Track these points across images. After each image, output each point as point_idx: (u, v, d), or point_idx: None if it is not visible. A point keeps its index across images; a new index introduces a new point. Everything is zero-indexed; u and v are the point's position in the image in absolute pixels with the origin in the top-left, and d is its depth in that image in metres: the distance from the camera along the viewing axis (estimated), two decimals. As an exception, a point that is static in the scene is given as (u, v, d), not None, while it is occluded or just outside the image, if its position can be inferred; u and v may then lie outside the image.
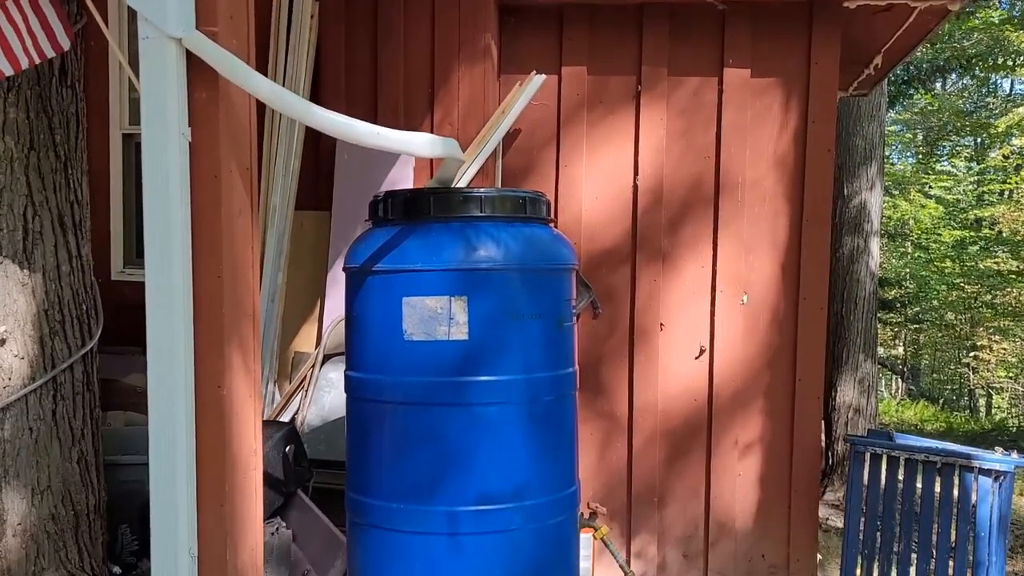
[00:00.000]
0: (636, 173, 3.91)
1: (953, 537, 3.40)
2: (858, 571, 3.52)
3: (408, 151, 2.25)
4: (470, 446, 2.24)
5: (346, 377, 2.48)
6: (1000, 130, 14.81)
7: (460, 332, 2.25)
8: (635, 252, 3.92)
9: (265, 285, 3.97)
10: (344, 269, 2.49)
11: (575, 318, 3.89)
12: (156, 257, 2.02)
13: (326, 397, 3.71)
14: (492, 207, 2.34)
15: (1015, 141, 15.02)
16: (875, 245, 7.08)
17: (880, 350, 18.00)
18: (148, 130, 2.03)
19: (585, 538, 2.67)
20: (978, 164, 17.54)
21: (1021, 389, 16.96)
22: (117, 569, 2.73)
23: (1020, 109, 14.23)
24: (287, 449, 3.08)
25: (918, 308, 15.74)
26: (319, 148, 4.03)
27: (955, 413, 14.66)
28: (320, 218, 4.17)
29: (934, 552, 3.41)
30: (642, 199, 3.90)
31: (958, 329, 16.25)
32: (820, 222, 3.78)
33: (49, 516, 2.38)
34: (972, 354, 15.85)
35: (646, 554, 3.88)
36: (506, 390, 2.27)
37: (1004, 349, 15.26)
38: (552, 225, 2.55)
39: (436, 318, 2.25)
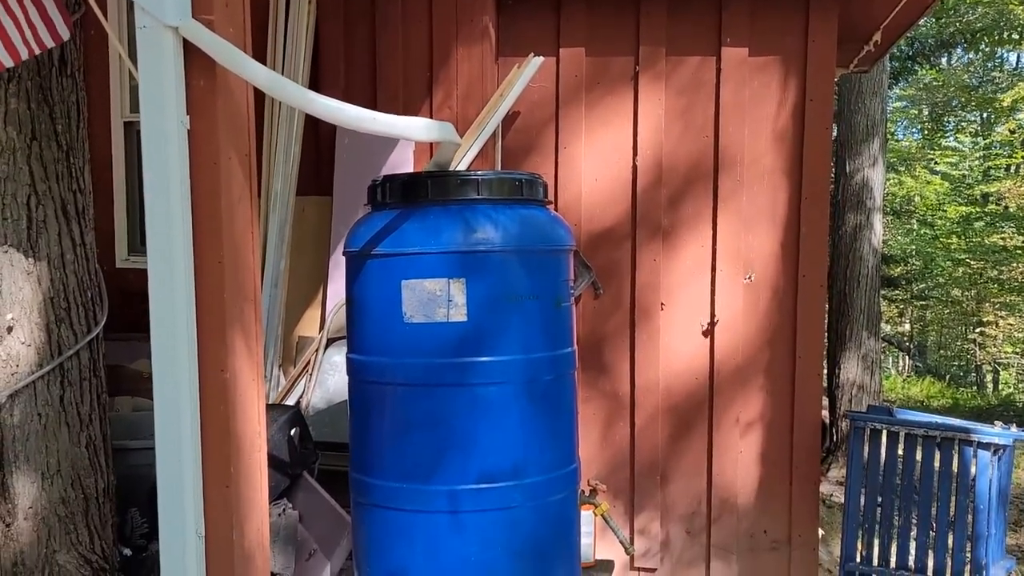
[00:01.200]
0: (635, 153, 3.92)
1: (953, 510, 3.43)
2: (859, 545, 3.56)
3: (405, 135, 2.28)
4: (470, 426, 2.28)
5: (347, 360, 2.52)
6: (1006, 104, 14.71)
7: (459, 314, 2.27)
8: (635, 232, 3.94)
9: (268, 271, 4.00)
10: (344, 253, 2.52)
11: (574, 299, 3.93)
12: (158, 244, 2.05)
13: (330, 380, 3.75)
14: (490, 189, 2.37)
15: (1021, 115, 14.93)
16: (877, 221, 7.09)
17: (886, 327, 18.02)
18: (147, 119, 2.05)
19: (586, 515, 2.71)
20: (984, 139, 17.44)
21: (1028, 364, 16.94)
22: (127, 551, 2.78)
23: (1026, 83, 14.11)
24: (292, 432, 3.13)
25: (924, 285, 15.72)
26: (319, 133, 4.05)
27: (961, 389, 14.68)
28: (322, 203, 4.19)
29: (934, 525, 3.45)
30: (641, 179, 3.91)
31: (964, 305, 16.23)
32: (819, 199, 3.78)
33: (59, 499, 2.43)
34: (978, 330, 15.84)
35: (649, 531, 3.92)
36: (505, 370, 2.30)
37: (1011, 324, 15.25)
38: (550, 207, 2.57)
39: (435, 300, 2.28)
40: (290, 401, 3.78)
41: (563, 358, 2.45)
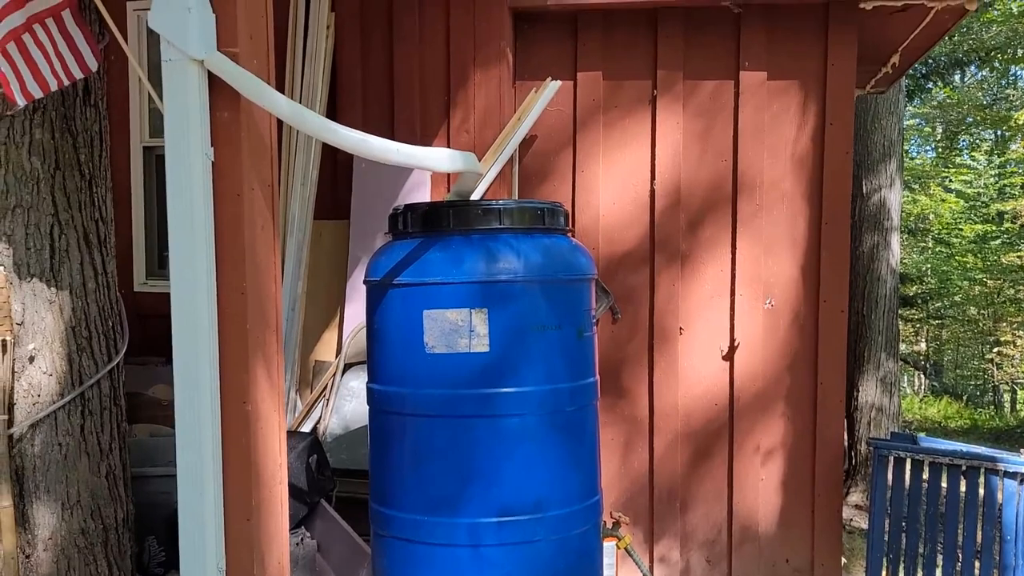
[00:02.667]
0: (653, 177, 3.91)
1: (979, 540, 3.38)
2: (883, 574, 3.50)
3: (427, 167, 2.27)
4: (492, 458, 2.26)
5: (368, 390, 2.50)
6: (1021, 122, 14.63)
7: (481, 344, 2.26)
8: (653, 255, 3.92)
9: (285, 294, 4.00)
10: (365, 282, 2.51)
11: (595, 327, 3.91)
12: (181, 274, 2.05)
13: (347, 406, 3.73)
14: (511, 219, 2.35)
15: (1036, 134, 14.84)
16: (895, 242, 7.03)
17: (902, 346, 17.84)
18: (172, 150, 2.05)
19: (608, 547, 2.67)
20: (999, 157, 17.35)
21: (1046, 384, 16.76)
22: (145, 580, 2.76)
23: (1041, 101, 14.04)
24: (310, 459, 3.11)
25: (940, 304, 15.61)
26: (337, 157, 4.06)
27: (979, 409, 14.52)
28: (339, 227, 4.20)
29: (960, 555, 3.39)
30: (659, 202, 3.90)
31: (981, 324, 16.09)
32: (839, 223, 3.76)
33: (79, 530, 2.41)
34: (996, 349, 15.68)
35: (669, 559, 3.88)
36: (527, 401, 2.28)
37: (1028, 344, 15.08)
38: (570, 235, 2.55)
39: (457, 331, 2.26)
40: (307, 426, 3.76)
41: (585, 388, 2.42)
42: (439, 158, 2.21)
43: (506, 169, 3.92)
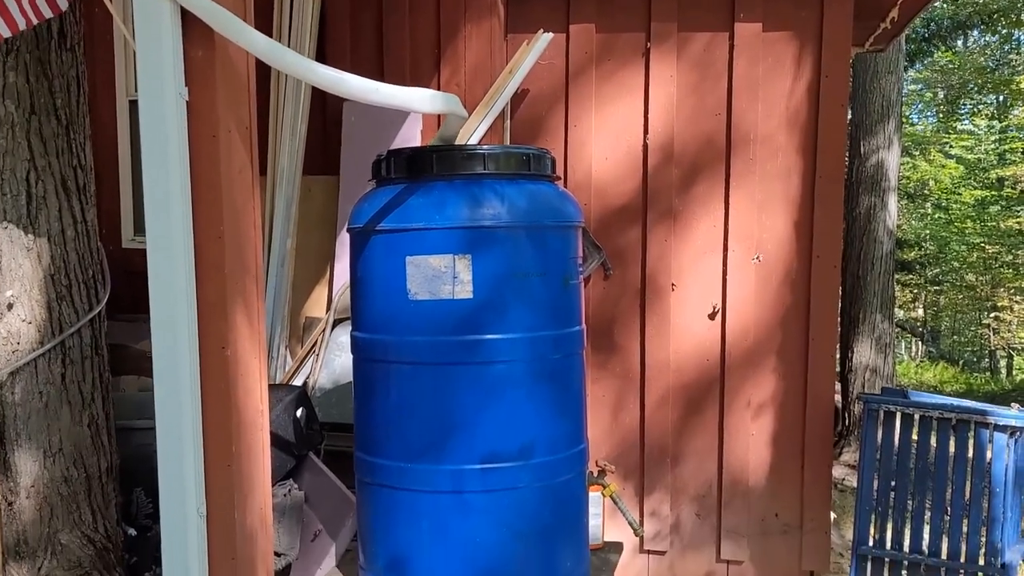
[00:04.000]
0: (646, 131, 3.85)
1: (968, 494, 3.38)
2: (872, 529, 3.50)
3: (408, 107, 2.22)
4: (475, 405, 2.24)
5: (352, 338, 2.48)
6: (1023, 87, 14.52)
7: (465, 291, 2.23)
8: (646, 211, 3.88)
9: (275, 250, 3.97)
10: (348, 229, 2.47)
11: (582, 277, 3.88)
12: (156, 217, 2.01)
13: (337, 360, 3.72)
14: (496, 164, 2.31)
15: (1038, 98, 14.72)
16: (892, 203, 6.99)
17: (900, 312, 17.89)
18: (145, 90, 2.00)
19: (595, 497, 2.67)
20: (1000, 122, 17.23)
21: (1043, 349, 16.79)
22: (132, 531, 2.76)
23: (1044, 65, 13.90)
24: (298, 412, 3.10)
25: (938, 270, 15.59)
26: (326, 112, 4.00)
27: (975, 375, 14.57)
28: (328, 183, 4.15)
29: (948, 508, 3.39)
30: (652, 157, 3.85)
31: (979, 290, 16.08)
32: (834, 178, 3.71)
33: (61, 478, 2.40)
34: (993, 315, 15.70)
35: (660, 513, 3.88)
36: (512, 348, 2.26)
37: (1025, 309, 15.09)
38: (558, 182, 2.51)
39: (440, 277, 2.23)
40: (297, 382, 3.75)
41: (571, 337, 2.40)
42: (421, 98, 2.17)
43: (497, 123, 3.87)
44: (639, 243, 3.90)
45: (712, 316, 3.81)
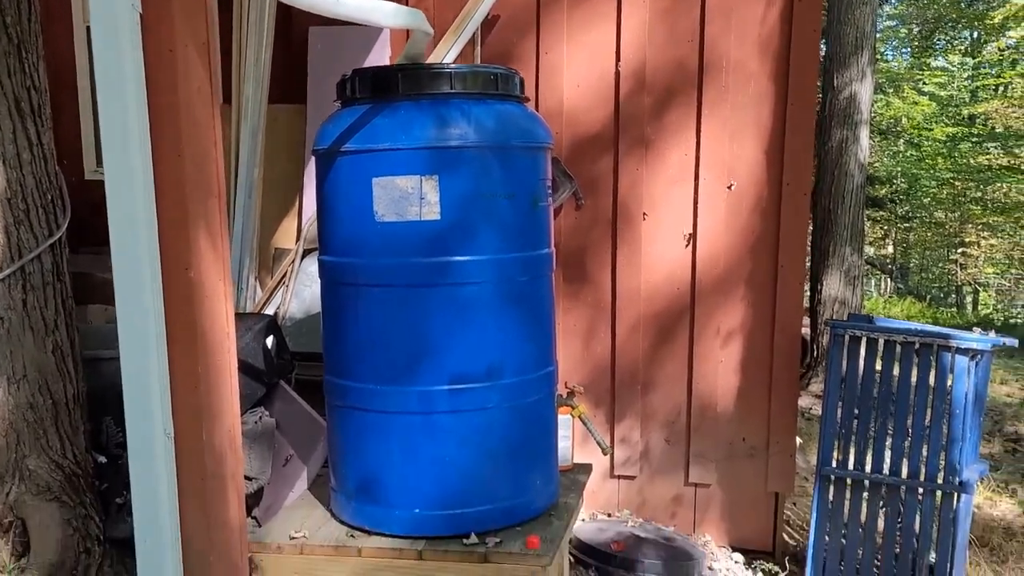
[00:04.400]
0: (618, 58, 3.80)
1: (929, 416, 3.45)
2: (836, 451, 3.58)
3: (371, 20, 2.16)
4: (443, 326, 2.23)
5: (320, 262, 2.45)
6: (996, 22, 14.48)
7: (432, 212, 2.21)
8: (618, 140, 3.85)
9: (241, 180, 3.91)
10: (313, 151, 2.43)
11: (554, 206, 3.86)
12: (112, 136, 1.96)
13: (307, 291, 3.70)
14: (463, 83, 2.27)
15: (1011, 33, 14.71)
16: (864, 136, 6.99)
17: (870, 250, 18.10)
18: (96, 5, 1.93)
19: (564, 419, 2.70)
20: (973, 59, 17.23)
21: (1007, 285, 17.10)
22: (102, 458, 2.76)
23: (1017, 0, 13.85)
24: (268, 341, 3.08)
25: (908, 207, 15.74)
26: (291, 39, 3.91)
27: (942, 309, 14.83)
28: (295, 111, 4.08)
29: (910, 430, 3.47)
30: (624, 85, 3.80)
31: (947, 227, 16.29)
32: (805, 105, 3.69)
33: (27, 405, 2.38)
34: (960, 250, 15.93)
35: (630, 440, 3.95)
36: (480, 270, 2.25)
37: (992, 245, 15.33)
38: (527, 103, 2.47)
39: (407, 198, 2.20)
40: (267, 312, 3.73)
41: (540, 259, 2.39)
42: (384, 12, 2.11)
43: (467, 50, 3.80)
44: (611, 172, 3.88)
45: (685, 243, 3.82)
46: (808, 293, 7.54)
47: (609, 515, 3.97)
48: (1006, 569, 3.94)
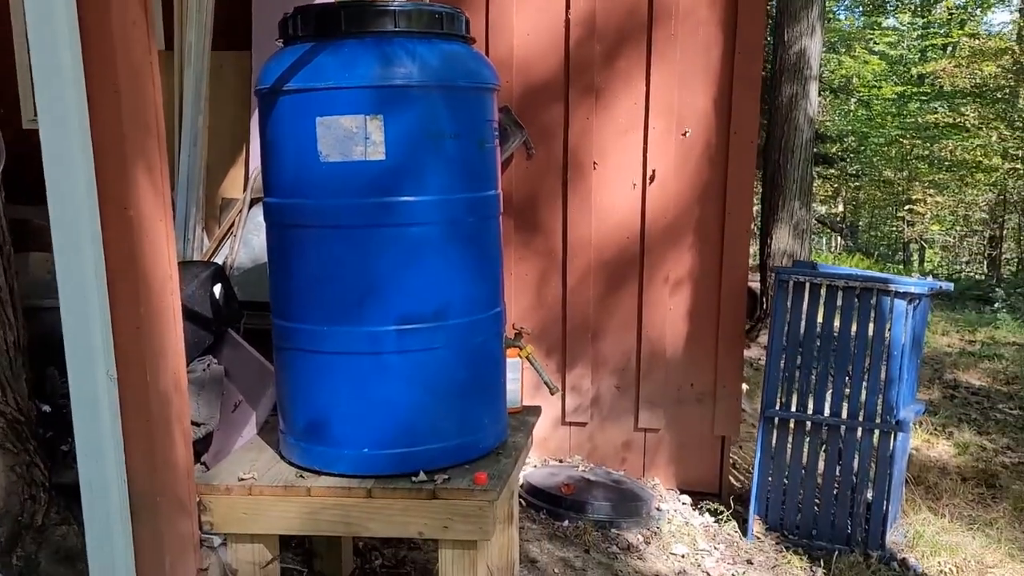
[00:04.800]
0: (568, 5, 3.78)
1: (868, 359, 3.56)
2: (780, 394, 3.68)
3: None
4: (391, 267, 2.23)
5: (264, 204, 2.42)
6: (947, -20, 14.66)
7: (377, 152, 2.19)
8: (568, 88, 3.85)
9: (186, 129, 3.82)
10: (255, 92, 2.38)
11: (504, 156, 3.86)
12: (44, 73, 1.91)
13: (256, 240, 3.66)
14: (408, 21, 2.24)
15: (960, -7, 14.90)
16: (813, 91, 7.07)
17: (822, 208, 18.41)
18: (23, -70, 1.87)
19: (513, 363, 2.72)
20: (923, 18, 17.44)
21: (952, 241, 17.55)
22: (46, 407, 2.72)
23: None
24: (215, 289, 3.05)
25: (858, 165, 16.00)
26: (234, -18, 3.81)
27: (890, 266, 15.19)
28: (240, 58, 3.99)
29: (850, 372, 3.58)
30: (574, 32, 3.79)
31: (895, 185, 16.61)
32: (752, 53, 3.72)
33: (-36, 350, 2.33)
34: (908, 207, 16.27)
35: (581, 387, 4.01)
36: (426, 211, 2.24)
37: (938, 203, 15.68)
38: (473, 44, 2.45)
39: (352, 138, 2.18)
40: (216, 261, 3.68)
41: (487, 200, 2.39)
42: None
43: (415, -4, 3.73)
44: (561, 121, 3.89)
45: (635, 191, 3.85)
46: (759, 247, 7.67)
47: (560, 461, 4.05)
48: (940, 505, 4.11)
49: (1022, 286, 12.51)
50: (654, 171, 3.81)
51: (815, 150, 8.33)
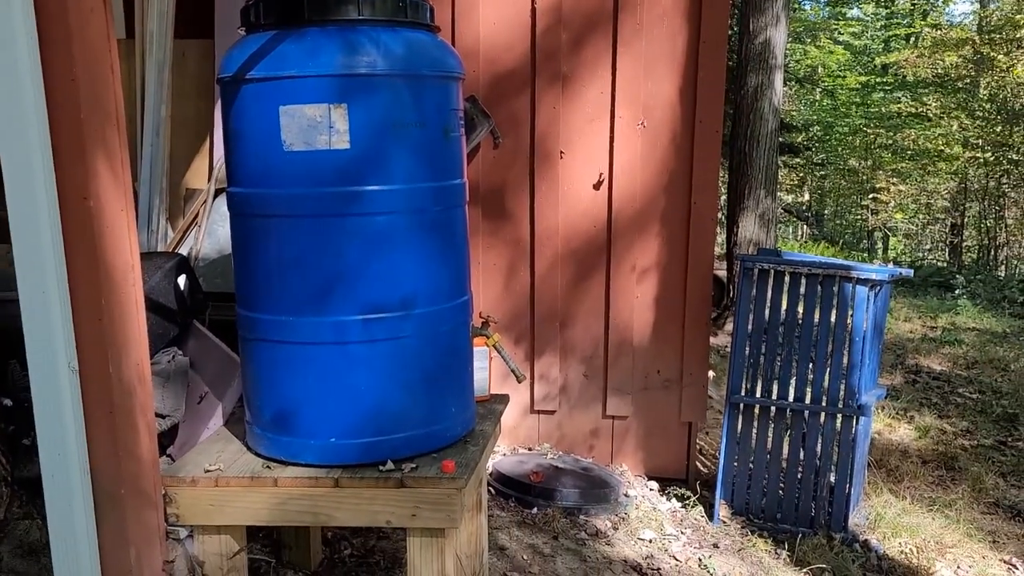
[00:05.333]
0: (535, -6, 3.79)
1: (831, 345, 3.61)
2: (744, 379, 3.73)
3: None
4: (356, 257, 2.22)
5: (228, 195, 2.40)
6: (910, -29, 14.85)
7: (342, 141, 2.18)
8: (535, 78, 3.86)
9: (148, 119, 3.78)
10: (217, 81, 2.36)
11: (471, 146, 3.85)
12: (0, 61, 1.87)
13: (221, 230, 3.63)
14: (372, 9, 2.23)
15: (923, -16, 15.10)
16: (779, 81, 7.14)
17: (788, 198, 18.61)
18: (-25, -86, 1.83)
19: (481, 351, 2.73)
20: (887, 9, 17.66)
21: (915, 229, 17.84)
22: (8, 401, 2.68)
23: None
24: (179, 280, 3.03)
25: (824, 155, 16.20)
26: (196, -31, 3.76)
27: (854, 254, 15.40)
28: (203, 47, 3.95)
29: (813, 357, 3.63)
30: (541, 21, 3.80)
31: (860, 174, 16.84)
32: (717, 43, 3.75)
33: (-78, 344, 2.29)
34: (872, 196, 16.51)
35: (549, 376, 4.03)
36: (391, 200, 2.23)
37: (901, 191, 15.93)
38: (437, 33, 2.45)
39: (316, 127, 2.17)
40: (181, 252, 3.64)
41: (452, 189, 2.39)
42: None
43: (380, -17, 3.71)
44: (528, 110, 3.89)
45: (597, 185, 3.87)
46: (726, 236, 7.74)
47: (529, 449, 4.07)
48: (901, 488, 4.19)
49: (982, 273, 12.77)
50: (621, 160, 3.83)
51: (780, 140, 8.43)
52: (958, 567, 3.50)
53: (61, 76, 1.93)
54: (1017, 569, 3.52)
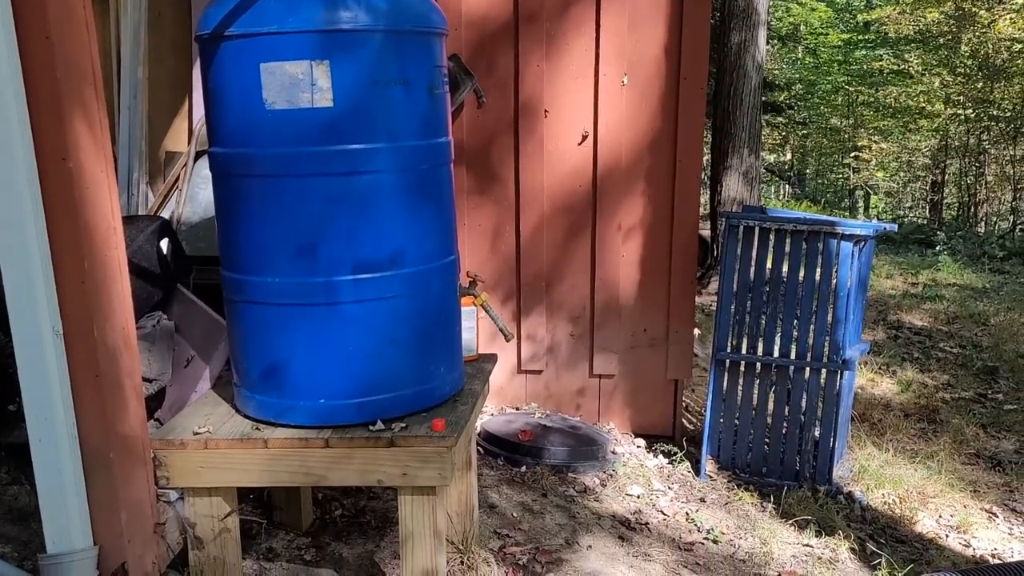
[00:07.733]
0: (517, -51, 3.72)
1: (816, 301, 3.64)
2: (730, 335, 3.75)
3: None
4: (344, 216, 2.20)
5: (210, 155, 2.37)
6: (892, -73, 14.73)
7: (324, 99, 2.14)
8: (518, 35, 3.81)
9: (125, 81, 3.71)
10: (196, 38, 2.31)
11: (454, 106, 3.81)
12: (-29, 16, 1.82)
13: (202, 193, 3.58)
14: (352, -37, 2.18)
15: (906, -61, 14.98)
16: (762, 38, 7.09)
17: (771, 157, 18.60)
18: None
19: (468, 311, 2.72)
20: (870, -35, 17.51)
21: (896, 187, 17.92)
22: (-8, 370, 2.66)
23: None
24: (162, 243, 3.00)
25: (806, 113, 16.17)
26: (169, -75, 3.66)
27: (836, 211, 15.47)
28: (180, 5, 3.86)
29: (798, 312, 3.66)
30: (523, -24, 3.74)
31: (842, 133, 16.84)
32: (701, -2, 3.71)
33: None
34: (853, 154, 16.53)
35: (536, 336, 4.04)
36: (376, 158, 2.21)
37: (882, 149, 15.96)
38: (419, -13, 2.40)
39: (297, 84, 2.13)
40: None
41: (438, 147, 2.37)
42: None
43: (359, -61, 3.63)
44: (512, 69, 3.85)
45: (582, 142, 3.85)
46: (709, 196, 7.74)
47: (517, 409, 4.09)
48: (884, 440, 4.26)
49: (963, 230, 12.87)
50: (605, 118, 3.81)
51: (763, 98, 8.39)
52: (940, 516, 3.57)
53: (35, 35, 1.89)
54: (997, 517, 3.59)
